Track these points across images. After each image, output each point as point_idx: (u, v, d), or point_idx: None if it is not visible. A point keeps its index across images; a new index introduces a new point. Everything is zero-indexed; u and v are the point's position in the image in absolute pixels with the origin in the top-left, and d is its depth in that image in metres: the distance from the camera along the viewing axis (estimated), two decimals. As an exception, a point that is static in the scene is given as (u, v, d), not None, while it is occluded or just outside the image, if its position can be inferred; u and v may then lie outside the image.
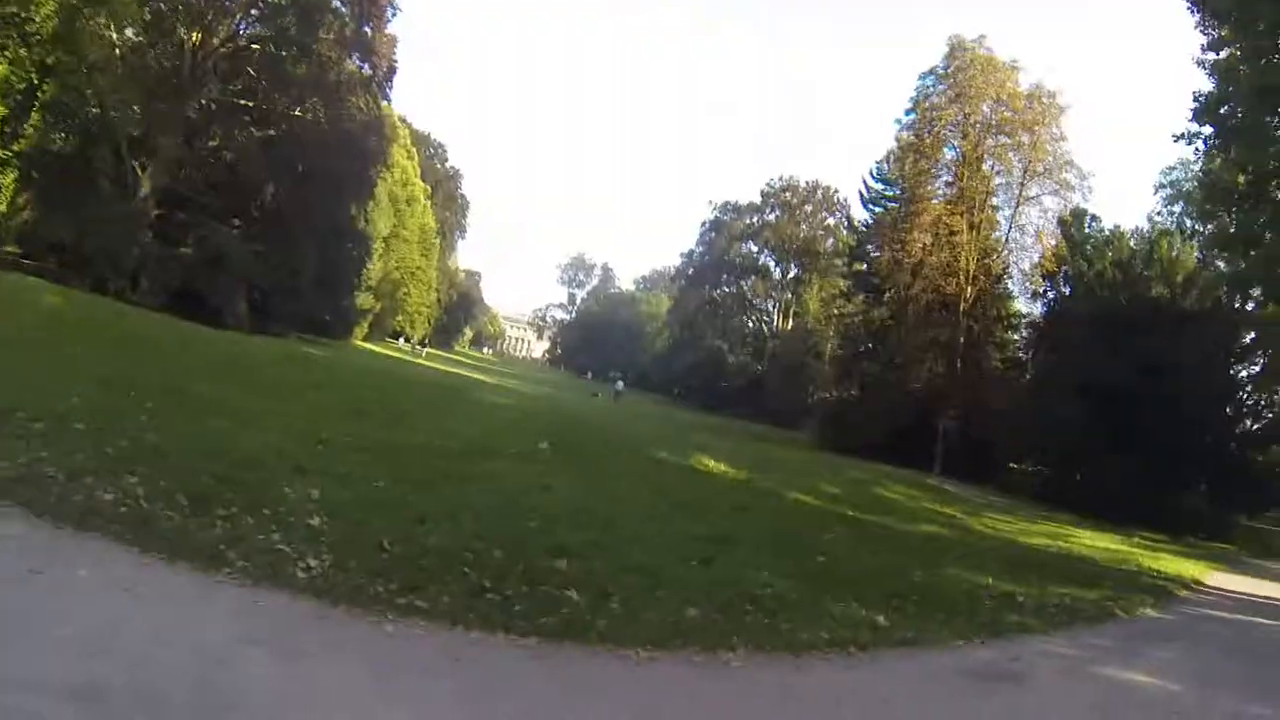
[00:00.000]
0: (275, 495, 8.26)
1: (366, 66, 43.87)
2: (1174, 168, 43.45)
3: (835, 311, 56.69)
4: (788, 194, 76.81)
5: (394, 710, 4.78)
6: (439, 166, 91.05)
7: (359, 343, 61.31)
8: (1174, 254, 37.03)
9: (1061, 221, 42.89)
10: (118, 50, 34.81)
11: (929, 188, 44.05)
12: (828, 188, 75.73)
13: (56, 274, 29.46)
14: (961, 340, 41.84)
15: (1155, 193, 45.07)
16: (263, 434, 11.50)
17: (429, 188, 78.99)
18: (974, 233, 41.64)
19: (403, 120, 77.21)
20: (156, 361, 16.97)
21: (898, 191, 46.64)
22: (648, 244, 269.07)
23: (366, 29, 42.51)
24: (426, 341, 77.01)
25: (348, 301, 52.47)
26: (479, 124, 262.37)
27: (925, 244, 41.87)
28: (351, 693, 4.88)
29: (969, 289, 41.60)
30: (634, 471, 16.82)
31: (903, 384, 42.58)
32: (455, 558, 7.58)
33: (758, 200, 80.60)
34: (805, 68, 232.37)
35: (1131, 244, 38.50)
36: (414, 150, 75.48)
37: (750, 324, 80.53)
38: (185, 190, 37.21)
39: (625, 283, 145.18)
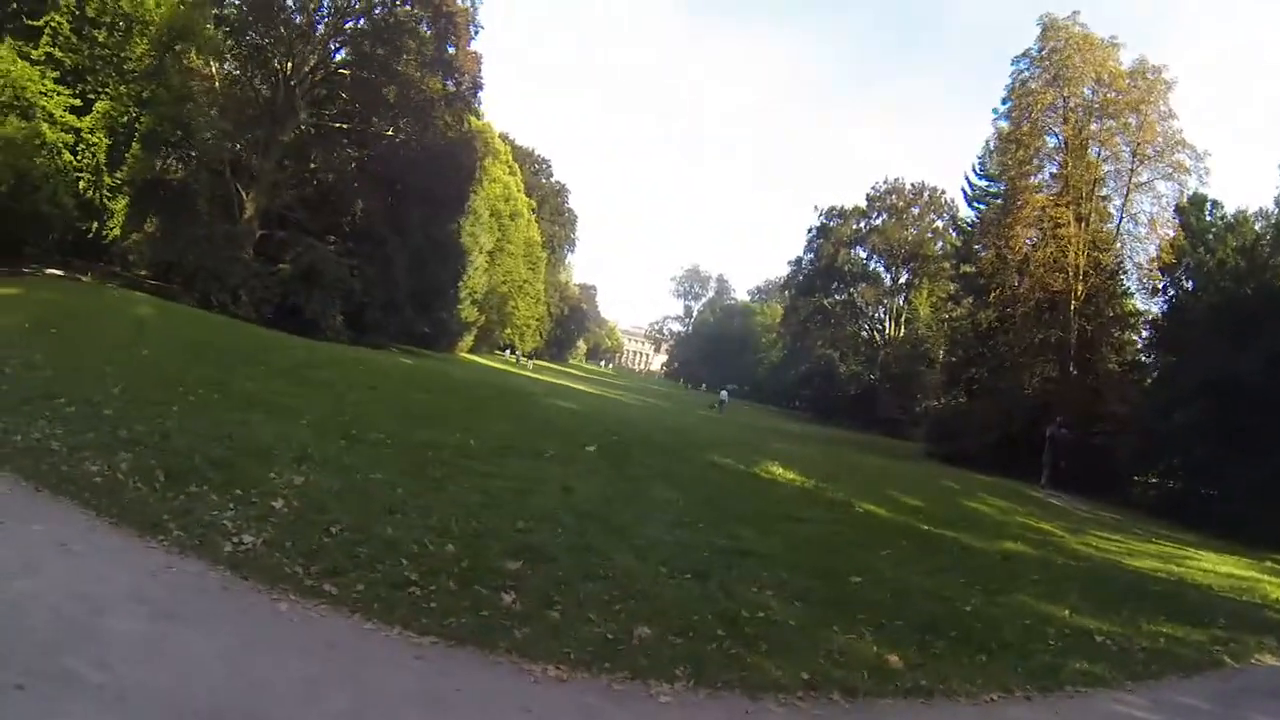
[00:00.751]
0: (257, 478, 8.54)
1: (451, 84, 44.52)
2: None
3: (944, 316, 53.47)
4: (893, 197, 73.79)
5: (214, 674, 4.79)
6: (544, 181, 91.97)
7: (464, 355, 62.29)
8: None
9: (1179, 209, 38.87)
10: (215, 82, 37.63)
11: (1031, 180, 40.89)
12: (934, 189, 72.61)
13: (168, 291, 32.15)
14: (1073, 341, 38.47)
15: None
16: (287, 426, 11.69)
17: (534, 202, 79.89)
18: (1082, 225, 38.31)
19: (505, 137, 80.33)
20: (218, 362, 17.07)
21: (1001, 187, 43.32)
22: (763, 253, 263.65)
23: (449, 48, 43.24)
24: (533, 353, 76.96)
25: (446, 314, 53.21)
26: (593, 139, 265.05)
27: (1029, 239, 38.39)
28: (193, 655, 4.96)
29: (1079, 286, 38.40)
30: (683, 476, 15.62)
31: (1012, 390, 39.14)
32: (399, 549, 7.38)
33: (863, 205, 77.65)
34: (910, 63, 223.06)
35: (1257, 228, 34.13)
36: (516, 166, 76.78)
37: (862, 332, 77.12)
38: (284, 210, 39.19)
39: (741, 293, 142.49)
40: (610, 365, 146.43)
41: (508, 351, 69.74)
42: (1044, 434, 31.89)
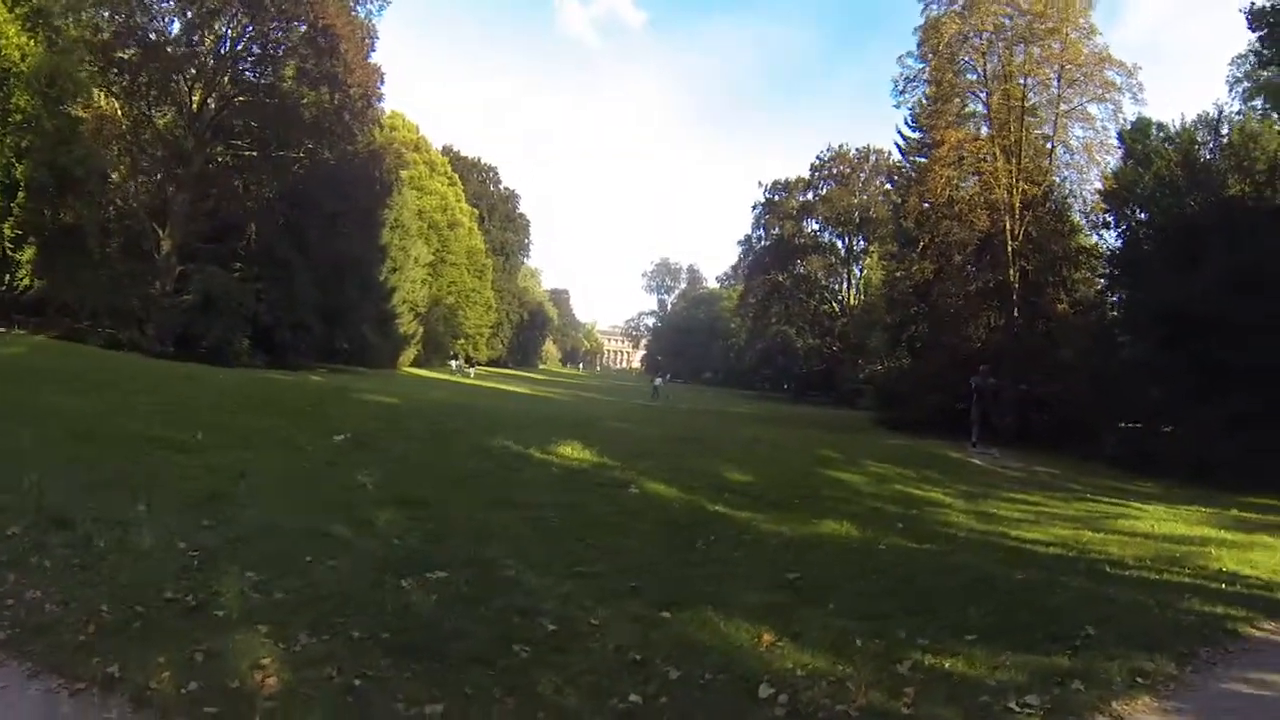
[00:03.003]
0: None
1: (338, 98, 42.17)
2: (1245, 55, 33.28)
3: (885, 276, 48.73)
4: (838, 164, 68.58)
5: None
6: (493, 189, 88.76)
7: (406, 369, 60.11)
8: (1250, 141, 27.90)
9: (1123, 136, 33.88)
10: (121, 124, 38.06)
11: (950, 118, 35.48)
12: (880, 151, 66.42)
13: (76, 333, 32.47)
14: (1015, 284, 33.46)
15: (1230, 90, 34.99)
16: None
17: (478, 211, 76.43)
18: (1013, 160, 33.08)
19: (448, 150, 77.32)
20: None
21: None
22: (731, 238, 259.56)
23: (331, 64, 40.88)
24: (493, 362, 74.95)
25: (367, 329, 51.02)
26: (558, 145, 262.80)
27: (947, 177, 33.53)
28: None
29: (1015, 224, 33.06)
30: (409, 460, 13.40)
31: (955, 344, 34.18)
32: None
33: (807, 175, 72.66)
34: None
35: (1199, 136, 29.21)
36: (456, 177, 75.96)
37: (821, 305, 71.72)
38: (200, 243, 38.79)
39: (712, 282, 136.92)
40: (584, 367, 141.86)
41: (452, 362, 65.41)
42: (970, 386, 26.89)
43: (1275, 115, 27.79)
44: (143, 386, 18.77)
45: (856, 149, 67.85)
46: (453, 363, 65.72)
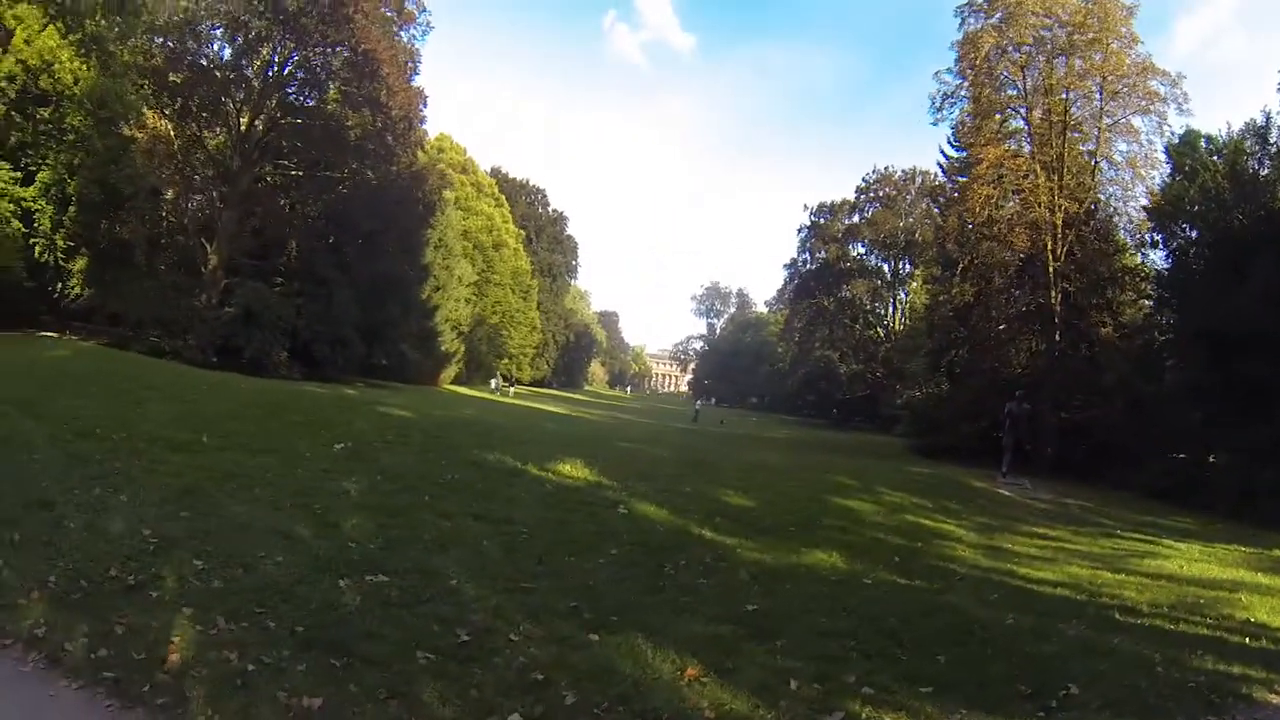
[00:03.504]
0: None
1: (380, 121, 43.39)
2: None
3: (927, 300, 47.09)
4: (884, 186, 67.00)
5: None
6: (541, 211, 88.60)
7: (447, 387, 60.25)
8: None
9: (1170, 150, 32.11)
10: (174, 144, 40.14)
11: (988, 134, 34.14)
12: (926, 172, 64.75)
13: (121, 340, 33.98)
14: (1057, 307, 31.86)
15: None
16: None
17: (523, 233, 76.65)
18: (1055, 176, 31.56)
19: (497, 171, 77.17)
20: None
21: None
22: (779, 262, 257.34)
23: (371, 87, 42.10)
24: (537, 382, 75.11)
25: (406, 346, 51.53)
26: (615, 170, 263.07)
27: (987, 196, 32.10)
28: None
29: (1058, 245, 31.51)
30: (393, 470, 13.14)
31: (995, 370, 32.68)
32: None
33: (852, 198, 71.46)
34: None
35: (1246, 145, 27.42)
36: (503, 199, 76.21)
37: (865, 330, 69.93)
38: (245, 258, 40.40)
39: (761, 306, 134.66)
40: (632, 390, 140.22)
41: (492, 381, 65.04)
42: (1004, 413, 25.46)
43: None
44: (167, 392, 19.24)
45: (902, 171, 66.58)
46: (493, 381, 65.29)
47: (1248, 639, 8.43)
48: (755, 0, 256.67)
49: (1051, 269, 31.87)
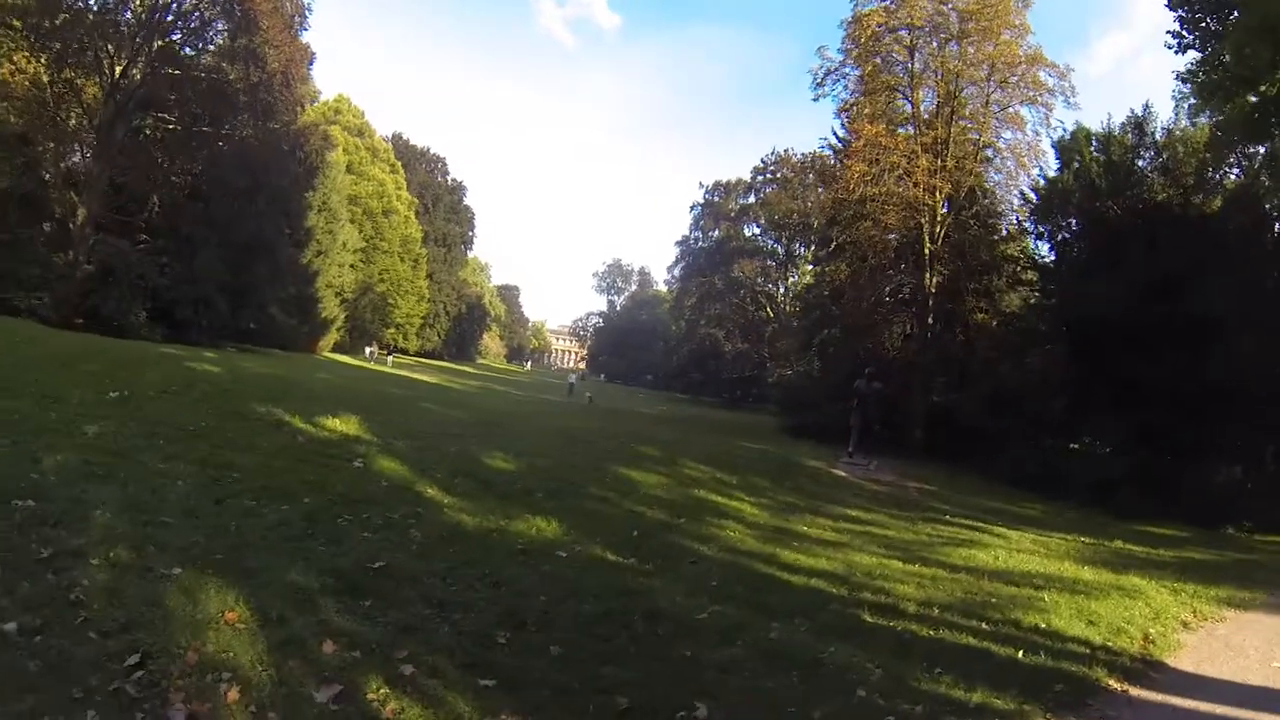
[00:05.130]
0: None
1: (254, 74, 39.71)
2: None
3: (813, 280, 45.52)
4: (781, 168, 64.87)
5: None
6: (439, 180, 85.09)
7: (327, 354, 56.87)
8: (1179, 145, 25.01)
9: (1059, 145, 30.50)
10: (46, 90, 35.66)
11: (867, 110, 32.45)
12: (825, 157, 63.03)
13: None
14: (931, 291, 30.21)
15: (1175, 107, 31.43)
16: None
17: (417, 201, 73.85)
18: (935, 159, 29.88)
19: (398, 138, 74.38)
20: None
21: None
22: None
23: (249, 40, 38.82)
24: (392, 349, 69.50)
25: (274, 310, 47.30)
26: (519, 140, 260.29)
27: (861, 173, 30.28)
28: None
29: (936, 228, 29.89)
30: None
31: (865, 350, 30.89)
32: None
33: (747, 178, 69.27)
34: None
35: (1125, 138, 26.19)
36: (398, 165, 72.32)
37: (754, 310, 67.71)
38: (107, 214, 36.33)
39: (663, 285, 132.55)
40: (532, 365, 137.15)
41: (368, 349, 61.68)
42: (855, 391, 23.65)
43: (1203, 111, 24.56)
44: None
45: (802, 154, 64.04)
46: (368, 350, 61.79)
47: (1022, 651, 6.50)
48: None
49: (928, 251, 30.27)
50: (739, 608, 7.01)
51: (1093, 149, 27.28)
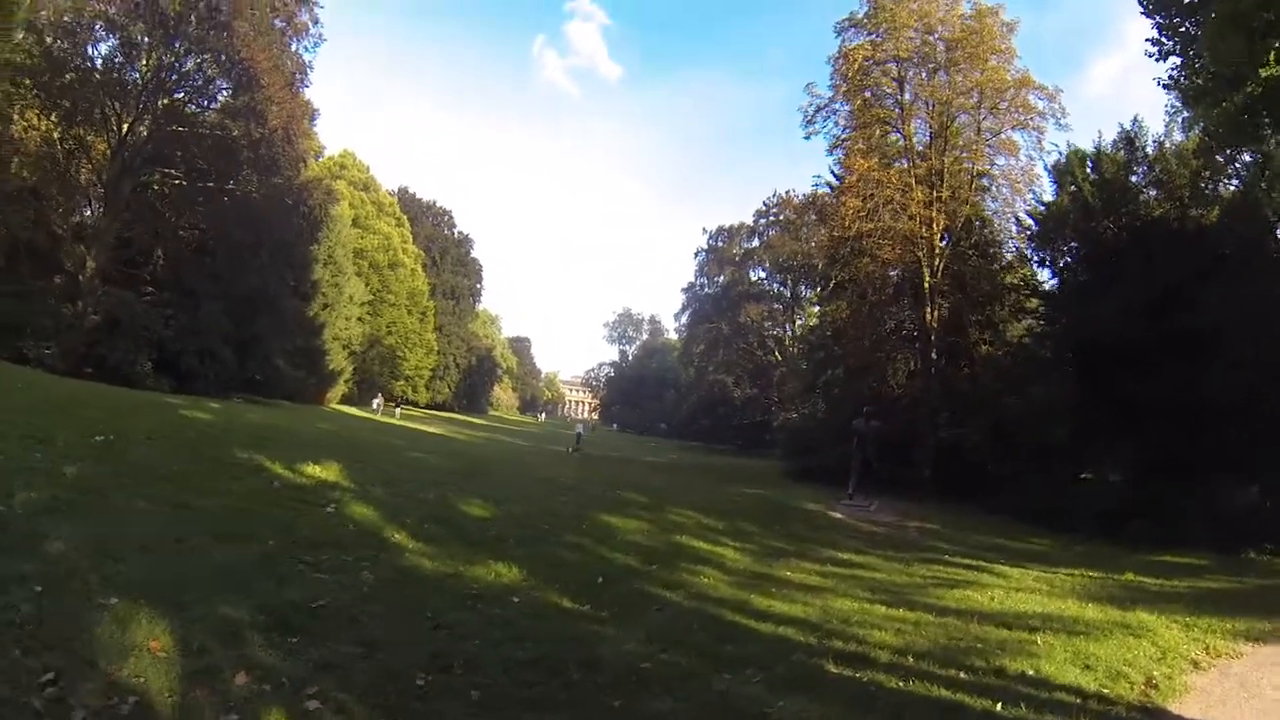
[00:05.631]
0: None
1: (257, 131, 39.74)
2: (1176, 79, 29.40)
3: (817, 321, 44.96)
4: (782, 209, 64.36)
5: None
6: (446, 233, 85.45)
7: (335, 406, 56.84)
8: (1171, 158, 24.45)
9: (1056, 170, 29.95)
10: (56, 146, 36.81)
11: (859, 145, 32.11)
12: (823, 195, 62.47)
13: None
14: (933, 325, 29.71)
15: (1167, 122, 30.81)
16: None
17: (424, 254, 74.34)
18: (930, 191, 29.53)
19: (404, 191, 75.44)
20: None
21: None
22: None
23: (250, 97, 39.24)
24: (399, 401, 68.91)
25: (279, 362, 47.25)
26: (528, 196, 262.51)
27: (855, 209, 29.86)
28: None
29: (935, 260, 29.45)
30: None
31: (867, 389, 30.16)
32: None
33: (750, 222, 68.97)
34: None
35: (1117, 155, 25.62)
36: (404, 218, 72.84)
37: (766, 355, 66.67)
38: (114, 266, 36.85)
39: (673, 334, 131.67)
40: (546, 416, 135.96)
41: (374, 402, 61.16)
42: (853, 430, 23.00)
43: (1197, 123, 23.96)
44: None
45: (802, 195, 63.63)
46: (374, 402, 61.24)
47: (1001, 704, 5.87)
48: (683, 33, 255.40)
49: (927, 284, 29.71)
50: (691, 657, 6.51)
51: (1087, 169, 26.69)
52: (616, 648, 6.60)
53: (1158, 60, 17.29)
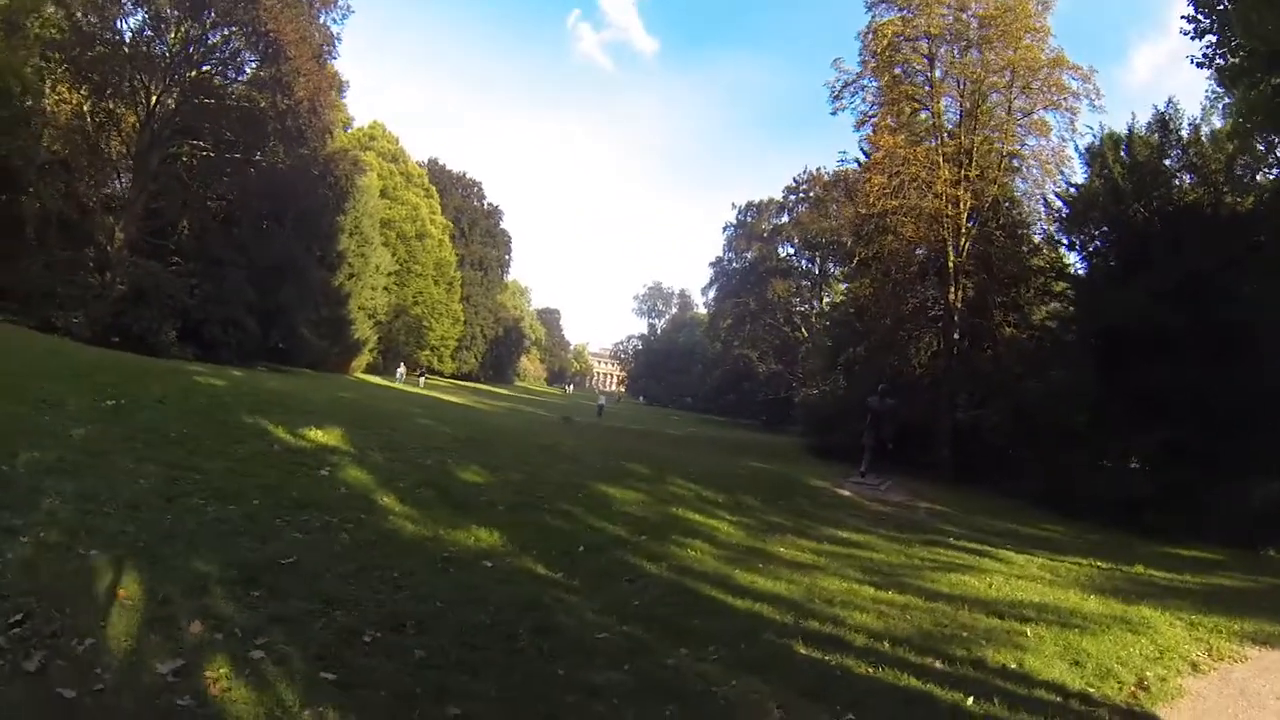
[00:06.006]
0: None
1: (283, 102, 39.85)
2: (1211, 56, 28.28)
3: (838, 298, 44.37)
4: (811, 186, 63.54)
5: None
6: (475, 204, 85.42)
7: (359, 375, 57.16)
8: (1207, 142, 23.59)
9: (1089, 152, 29.10)
10: (87, 119, 37.10)
11: (887, 122, 31.69)
12: (851, 171, 61.50)
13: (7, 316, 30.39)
14: (957, 305, 29.17)
15: (1205, 107, 29.45)
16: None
17: (452, 225, 75.17)
18: (958, 170, 28.83)
19: (433, 163, 77.01)
20: None
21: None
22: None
23: (277, 69, 39.28)
24: (422, 371, 69.08)
25: (304, 331, 47.49)
26: (564, 167, 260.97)
27: (881, 185, 29.28)
28: None
29: (961, 240, 28.81)
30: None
31: (889, 367, 29.70)
32: None
33: (779, 197, 68.20)
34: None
35: (1150, 138, 24.74)
36: (433, 189, 72.78)
37: (790, 330, 65.91)
38: (143, 236, 37.39)
39: (703, 308, 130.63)
40: (573, 388, 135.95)
41: (398, 371, 61.28)
42: (867, 407, 22.63)
43: (1228, 103, 23.08)
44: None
45: (832, 172, 63.09)
46: (398, 371, 61.30)
47: (974, 698, 5.53)
48: (719, 6, 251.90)
49: (952, 264, 29.08)
50: (653, 630, 6.39)
51: (1121, 152, 25.90)
52: (578, 617, 6.54)
53: (1194, 39, 16.76)
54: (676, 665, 5.64)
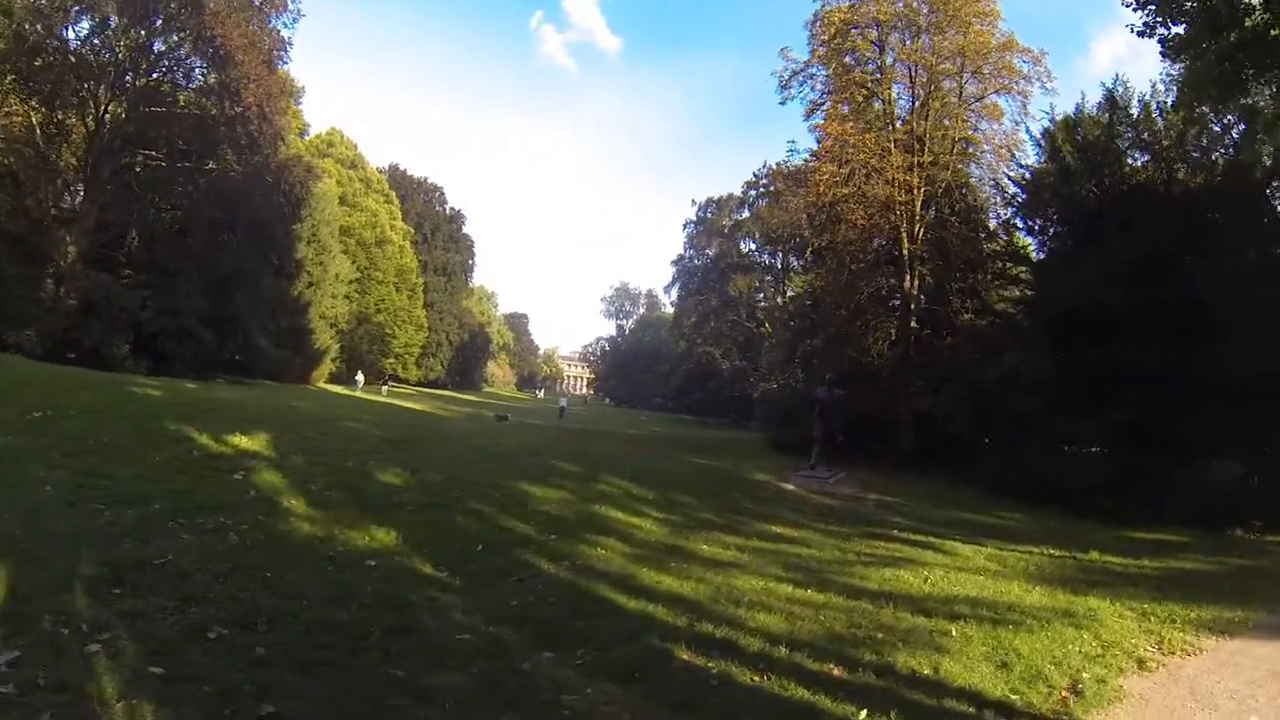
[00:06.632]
0: None
1: (231, 108, 39.34)
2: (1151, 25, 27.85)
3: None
4: (772, 180, 62.73)
5: None
6: (437, 210, 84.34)
7: (321, 385, 56.06)
8: (1156, 117, 23.19)
9: (1044, 136, 28.71)
10: (37, 130, 36.30)
11: (837, 110, 30.99)
12: (807, 162, 61.12)
13: None
14: (913, 293, 28.52)
15: (1153, 84, 29.14)
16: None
17: (414, 230, 74.60)
18: (910, 156, 28.30)
19: (395, 169, 75.19)
20: None
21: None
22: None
23: (225, 75, 38.38)
24: (386, 379, 68.58)
25: (261, 341, 46.64)
26: (526, 172, 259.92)
27: (831, 173, 28.72)
28: None
29: (915, 227, 28.29)
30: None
31: (854, 359, 29.13)
32: None
33: (739, 193, 67.81)
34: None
35: (1099, 116, 24.44)
36: (393, 195, 72.07)
37: (753, 327, 65.40)
38: (95, 249, 36.83)
39: (669, 308, 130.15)
40: (544, 392, 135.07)
41: (357, 379, 60.07)
42: (815, 399, 22.12)
43: (1172, 73, 22.64)
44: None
45: (794, 165, 62.65)
46: (357, 379, 60.10)
47: (865, 711, 5.00)
48: (682, 6, 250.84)
49: (907, 251, 28.55)
50: (521, 632, 6.10)
51: (1074, 133, 25.54)
52: (444, 617, 6.42)
53: (1135, 9, 16.19)
54: (531, 670, 5.26)
